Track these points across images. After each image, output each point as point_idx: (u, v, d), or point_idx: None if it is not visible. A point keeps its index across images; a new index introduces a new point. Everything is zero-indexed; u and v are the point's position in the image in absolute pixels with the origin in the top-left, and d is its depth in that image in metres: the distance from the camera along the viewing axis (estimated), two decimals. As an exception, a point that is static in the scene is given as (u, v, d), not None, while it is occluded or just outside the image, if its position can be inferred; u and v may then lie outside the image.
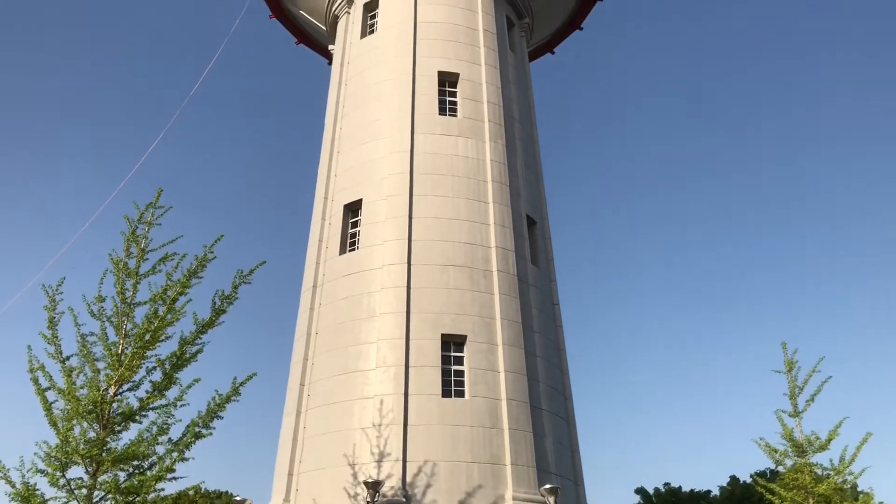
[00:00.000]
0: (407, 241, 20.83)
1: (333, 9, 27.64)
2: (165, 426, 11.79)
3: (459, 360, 19.88)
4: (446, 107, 23.56)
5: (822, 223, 70.60)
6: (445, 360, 19.74)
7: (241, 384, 12.34)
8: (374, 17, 26.04)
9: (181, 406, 12.07)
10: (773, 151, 72.72)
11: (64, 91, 73.50)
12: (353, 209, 22.68)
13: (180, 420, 11.99)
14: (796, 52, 74.74)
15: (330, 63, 28.69)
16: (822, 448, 16.72)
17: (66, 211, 69.85)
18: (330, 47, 28.81)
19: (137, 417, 11.75)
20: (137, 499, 11.33)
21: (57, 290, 12.32)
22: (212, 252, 12.88)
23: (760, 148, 72.95)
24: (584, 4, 31.03)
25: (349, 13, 26.71)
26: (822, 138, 71.94)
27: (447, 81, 23.97)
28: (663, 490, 38.61)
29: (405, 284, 20.24)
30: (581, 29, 32.13)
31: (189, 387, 12.15)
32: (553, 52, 33.27)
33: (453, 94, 23.82)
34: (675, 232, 75.01)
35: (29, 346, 12.00)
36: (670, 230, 74.90)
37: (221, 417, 12.22)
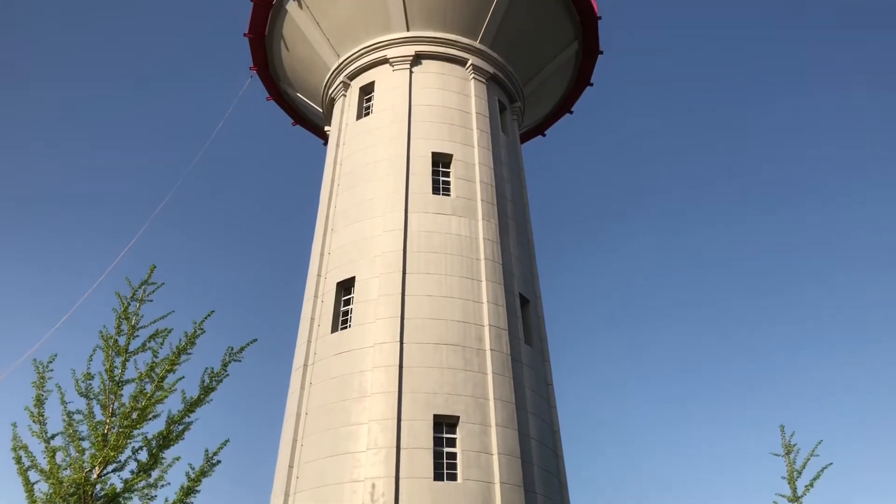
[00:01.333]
0: (400, 319, 20.72)
1: (330, 92, 28.34)
2: None
3: (452, 442, 19.48)
4: (440, 186, 23.90)
5: (822, 307, 70.64)
6: (438, 441, 19.33)
7: (214, 454, 12.01)
8: (369, 99, 26.70)
9: (162, 486, 11.70)
10: (773, 236, 73.46)
11: (59, 167, 74.32)
12: (345, 287, 22.65)
13: (155, 497, 11.61)
14: (800, 136, 75.99)
15: (325, 143, 29.21)
16: (825, 534, 16.31)
17: (61, 286, 69.52)
18: (326, 128, 29.39)
19: (121, 500, 11.36)
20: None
21: (48, 367, 12.12)
22: (201, 328, 12.72)
23: (759, 230, 73.65)
24: (575, 89, 31.98)
25: (345, 96, 27.38)
26: (825, 227, 72.61)
27: (441, 162, 24.40)
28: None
29: (397, 363, 20.02)
30: (571, 112, 33.01)
31: (170, 466, 11.81)
32: (544, 135, 34.06)
33: (447, 174, 24.21)
34: (669, 314, 75.00)
35: (14, 424, 11.72)
36: (664, 312, 74.89)
37: (198, 491, 11.85)
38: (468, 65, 26.50)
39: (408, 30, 26.43)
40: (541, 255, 26.68)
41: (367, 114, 26.34)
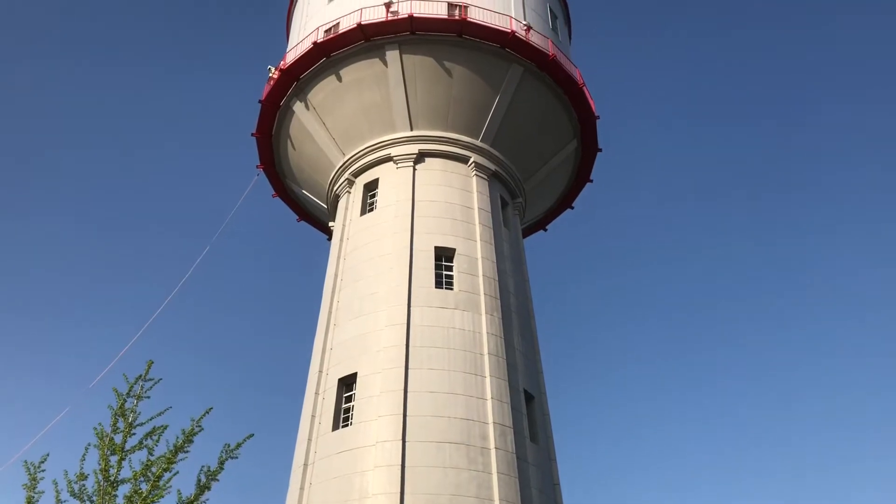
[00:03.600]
0: (402, 417, 20.28)
1: (335, 189, 28.79)
2: None
3: (456, 546, 18.69)
4: (443, 280, 23.90)
5: (844, 387, 69.18)
6: (441, 545, 18.58)
7: None
8: (373, 196, 27.07)
9: None
10: (780, 319, 72.82)
11: (63, 259, 74.79)
12: (347, 383, 22.29)
13: None
14: (816, 222, 75.77)
15: (329, 238, 29.44)
16: None
17: (56, 383, 68.73)
18: (330, 224, 29.69)
19: None
20: None
21: (39, 467, 11.73)
22: (199, 425, 12.39)
23: (768, 314, 72.94)
24: (575, 185, 32.46)
25: (350, 192, 27.78)
26: (839, 303, 71.97)
27: (444, 256, 24.49)
28: None
29: (399, 463, 19.46)
30: (572, 208, 33.38)
31: None
32: (546, 230, 34.34)
33: (450, 269, 24.25)
34: (676, 406, 73.57)
35: None
36: (671, 406, 73.48)
37: None
38: (470, 162, 27.01)
39: (411, 129, 27.08)
40: (545, 350, 26.37)
41: (371, 209, 26.65)
